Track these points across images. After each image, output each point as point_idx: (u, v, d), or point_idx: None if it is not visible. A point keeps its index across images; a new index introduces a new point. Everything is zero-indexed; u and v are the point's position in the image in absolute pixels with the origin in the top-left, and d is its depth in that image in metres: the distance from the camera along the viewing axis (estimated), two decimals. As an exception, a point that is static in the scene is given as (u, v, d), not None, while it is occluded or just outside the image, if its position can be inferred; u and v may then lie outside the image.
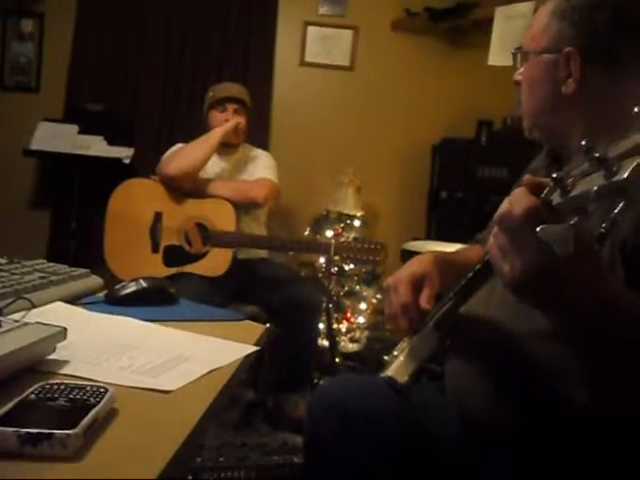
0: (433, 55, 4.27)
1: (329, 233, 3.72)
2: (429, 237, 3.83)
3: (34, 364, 0.82)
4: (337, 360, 3.51)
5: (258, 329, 1.19)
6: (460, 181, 3.90)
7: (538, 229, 0.69)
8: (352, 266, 3.71)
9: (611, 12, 1.06)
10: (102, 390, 0.70)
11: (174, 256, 3.03)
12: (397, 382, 1.20)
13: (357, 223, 3.76)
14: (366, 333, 3.72)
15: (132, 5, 4.10)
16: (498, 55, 3.30)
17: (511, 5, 3.32)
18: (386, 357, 1.35)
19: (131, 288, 1.29)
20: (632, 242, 0.92)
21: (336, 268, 3.68)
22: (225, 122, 3.17)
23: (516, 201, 0.75)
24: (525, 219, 0.73)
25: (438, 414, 1.26)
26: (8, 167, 3.57)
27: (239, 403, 3.16)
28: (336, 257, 3.08)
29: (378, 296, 3.69)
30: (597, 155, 0.63)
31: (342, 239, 3.63)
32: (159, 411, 0.75)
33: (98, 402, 0.67)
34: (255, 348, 1.03)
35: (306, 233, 3.84)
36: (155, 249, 3.05)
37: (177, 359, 0.91)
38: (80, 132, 3.93)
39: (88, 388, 0.70)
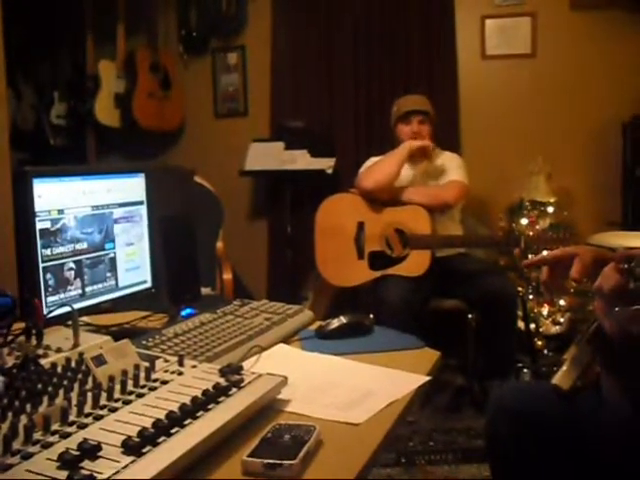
0: (617, 29, 4.12)
1: (524, 221, 3.85)
2: (625, 217, 3.82)
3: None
4: (539, 343, 3.70)
5: (433, 357, 1.46)
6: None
7: (616, 309, 0.91)
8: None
9: None
10: (312, 428, 1.02)
11: (378, 260, 3.39)
12: (561, 389, 1.33)
13: (551, 209, 3.85)
14: (568, 315, 3.83)
15: (321, 32, 4.50)
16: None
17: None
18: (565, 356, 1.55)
19: (335, 324, 1.63)
20: None
21: (533, 255, 3.81)
22: (412, 134, 3.46)
23: (605, 279, 0.97)
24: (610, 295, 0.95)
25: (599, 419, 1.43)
26: (227, 186, 4.06)
27: (449, 388, 3.46)
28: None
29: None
30: None
31: (537, 226, 3.80)
32: (350, 439, 1.06)
33: (309, 438, 0.99)
34: (426, 379, 1.30)
35: (501, 223, 4.00)
36: (360, 255, 3.43)
37: (365, 394, 1.21)
38: (286, 148, 4.40)
39: (303, 427, 1.03)
